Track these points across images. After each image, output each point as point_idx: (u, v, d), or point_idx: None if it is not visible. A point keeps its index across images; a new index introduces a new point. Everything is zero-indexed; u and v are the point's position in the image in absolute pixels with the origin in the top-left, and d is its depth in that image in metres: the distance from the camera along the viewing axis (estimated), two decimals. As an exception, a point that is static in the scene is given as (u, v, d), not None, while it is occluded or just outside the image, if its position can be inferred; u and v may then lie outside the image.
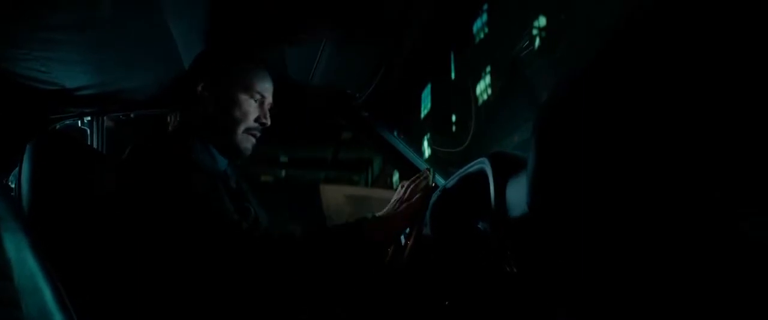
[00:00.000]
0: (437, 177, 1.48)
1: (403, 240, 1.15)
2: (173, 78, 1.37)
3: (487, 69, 4.59)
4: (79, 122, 1.65)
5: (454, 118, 4.95)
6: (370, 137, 1.70)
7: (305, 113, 1.73)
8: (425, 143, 4.96)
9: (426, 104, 5.36)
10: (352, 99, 1.61)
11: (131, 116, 1.63)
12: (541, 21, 3.61)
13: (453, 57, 4.50)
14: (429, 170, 1.24)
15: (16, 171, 1.29)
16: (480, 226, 1.01)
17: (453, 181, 1.11)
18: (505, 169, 0.84)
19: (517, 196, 0.78)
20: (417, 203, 1.07)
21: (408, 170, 1.65)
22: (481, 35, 4.41)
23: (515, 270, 0.82)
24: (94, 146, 1.69)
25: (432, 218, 1.15)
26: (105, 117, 1.72)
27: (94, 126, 1.71)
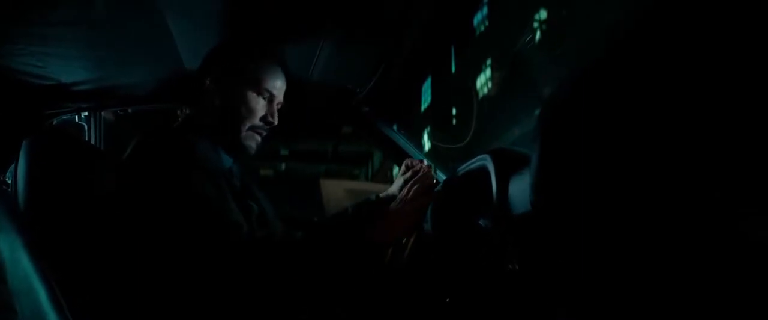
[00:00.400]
0: (438, 173, 1.47)
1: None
2: (171, 74, 1.36)
3: (488, 63, 4.59)
4: (77, 117, 1.64)
5: (454, 113, 4.95)
6: (370, 132, 1.69)
7: (305, 112, 1.72)
8: (425, 138, 4.97)
9: (426, 98, 5.36)
10: (352, 94, 1.60)
11: (129, 111, 1.62)
12: (542, 15, 3.60)
13: (454, 52, 4.49)
14: (430, 166, 1.24)
15: (12, 169, 1.27)
16: (481, 223, 1.01)
17: (454, 177, 1.10)
18: (507, 166, 0.83)
19: (520, 193, 0.77)
20: (419, 203, 1.05)
21: (409, 165, 1.65)
22: (482, 29, 4.39)
23: (517, 267, 0.82)
24: (92, 141, 1.68)
25: (433, 214, 1.14)
26: (103, 111, 1.72)
27: (92, 121, 1.70)
